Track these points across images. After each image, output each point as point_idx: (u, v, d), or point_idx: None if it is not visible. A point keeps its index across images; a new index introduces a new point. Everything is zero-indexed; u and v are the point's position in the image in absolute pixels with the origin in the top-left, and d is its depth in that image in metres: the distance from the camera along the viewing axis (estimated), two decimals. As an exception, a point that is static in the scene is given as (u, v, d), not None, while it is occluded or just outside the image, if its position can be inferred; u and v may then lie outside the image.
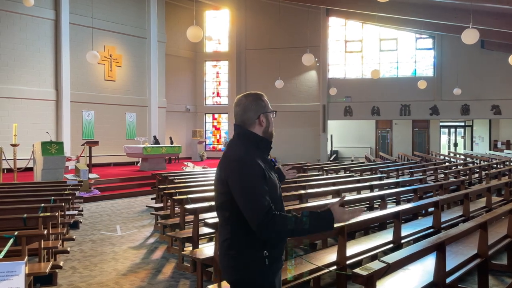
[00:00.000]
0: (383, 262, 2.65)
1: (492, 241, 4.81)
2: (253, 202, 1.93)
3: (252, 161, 1.99)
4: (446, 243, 3.36)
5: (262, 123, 2.14)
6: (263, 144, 2.12)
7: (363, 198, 6.63)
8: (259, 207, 1.91)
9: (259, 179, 1.96)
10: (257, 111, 2.13)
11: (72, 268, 5.37)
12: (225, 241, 2.05)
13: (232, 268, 2.02)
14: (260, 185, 1.95)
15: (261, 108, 2.14)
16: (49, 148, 10.93)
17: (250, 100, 2.15)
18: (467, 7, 12.53)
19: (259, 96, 2.17)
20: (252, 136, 2.12)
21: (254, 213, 1.91)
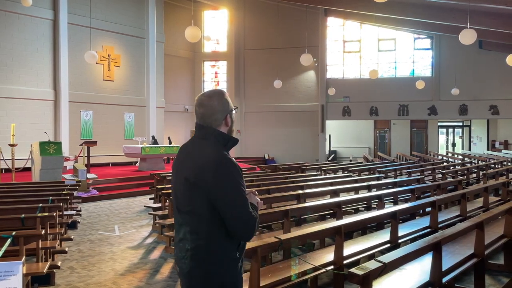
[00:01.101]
0: (379, 261, 2.66)
1: (489, 240, 4.84)
2: (241, 205, 1.90)
3: (232, 161, 1.98)
4: (442, 243, 3.38)
5: (228, 123, 2.10)
6: (231, 144, 2.10)
7: (361, 198, 6.66)
8: (247, 210, 1.91)
9: (241, 179, 1.96)
10: (224, 112, 2.08)
11: (70, 268, 5.38)
12: (199, 247, 1.95)
13: (209, 273, 1.94)
14: (243, 185, 1.95)
15: (227, 108, 2.10)
16: (47, 148, 10.94)
17: (216, 100, 2.08)
18: (465, 8, 12.57)
19: (224, 95, 2.13)
20: (222, 136, 2.07)
21: (242, 217, 1.89)
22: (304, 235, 3.69)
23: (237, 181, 1.92)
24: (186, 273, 1.98)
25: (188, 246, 1.97)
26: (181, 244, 2.02)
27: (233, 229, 1.91)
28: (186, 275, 1.98)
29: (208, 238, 1.94)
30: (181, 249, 2.01)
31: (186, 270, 1.97)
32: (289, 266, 3.85)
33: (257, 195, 2.12)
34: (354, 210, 7.76)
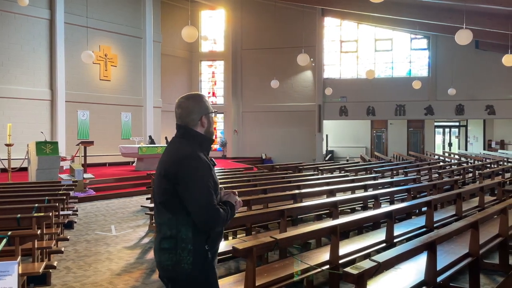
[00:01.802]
0: (374, 261, 2.68)
1: (484, 240, 4.86)
2: (203, 196, 2.04)
3: (201, 158, 2.12)
4: (437, 242, 3.40)
5: (204, 124, 2.23)
6: (206, 144, 2.23)
7: (357, 197, 6.68)
8: (209, 200, 2.04)
9: (208, 175, 2.09)
10: (200, 113, 2.22)
11: (66, 268, 5.37)
12: (169, 238, 2.08)
13: (177, 265, 2.05)
14: (209, 180, 2.09)
15: (203, 110, 2.23)
16: (43, 148, 10.90)
17: (192, 102, 2.23)
18: (461, 8, 12.61)
19: (201, 98, 2.27)
20: (198, 136, 2.22)
21: (204, 206, 2.03)
22: (299, 235, 3.70)
23: (200, 174, 2.06)
24: (157, 263, 2.15)
25: (159, 238, 2.13)
26: (157, 236, 2.19)
27: (195, 219, 2.04)
28: (158, 265, 2.15)
29: (177, 229, 2.06)
30: (156, 240, 2.17)
31: (157, 260, 2.14)
32: (284, 265, 3.86)
33: (237, 195, 2.26)
34: (351, 210, 7.78)
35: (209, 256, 2.10)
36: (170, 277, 2.10)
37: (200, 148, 2.18)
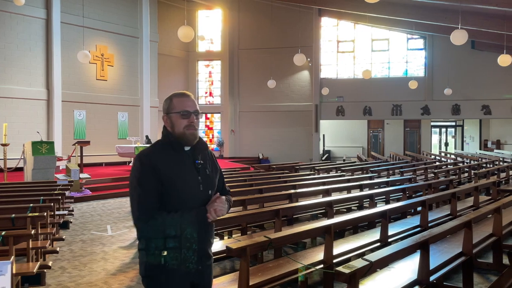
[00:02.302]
0: (366, 260, 2.69)
1: (478, 239, 4.89)
2: (137, 198, 2.05)
3: (146, 160, 2.07)
4: (429, 242, 3.42)
5: (167, 123, 2.19)
6: (175, 145, 2.16)
7: (352, 197, 6.70)
8: (140, 203, 2.03)
9: (147, 177, 2.04)
10: (165, 112, 2.21)
11: (61, 268, 5.37)
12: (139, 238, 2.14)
13: (140, 264, 2.12)
14: (147, 182, 2.04)
15: (166, 109, 2.20)
16: (39, 148, 10.88)
17: (164, 101, 2.23)
18: (456, 8, 12.66)
19: (171, 97, 2.22)
20: (165, 135, 2.20)
21: (135, 208, 2.05)
22: (293, 234, 3.72)
23: (135, 175, 2.07)
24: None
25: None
26: None
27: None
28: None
29: (135, 226, 2.14)
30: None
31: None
32: (279, 265, 3.87)
33: (224, 203, 2.16)
34: (347, 209, 7.81)
35: (162, 262, 2.05)
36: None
37: (173, 150, 2.14)
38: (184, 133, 2.14)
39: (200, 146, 2.23)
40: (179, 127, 2.14)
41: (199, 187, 2.13)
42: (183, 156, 2.16)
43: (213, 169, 2.28)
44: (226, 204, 2.18)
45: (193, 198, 2.11)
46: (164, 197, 2.07)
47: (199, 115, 2.21)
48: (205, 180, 2.18)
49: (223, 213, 2.13)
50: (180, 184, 2.08)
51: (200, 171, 2.17)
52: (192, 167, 2.15)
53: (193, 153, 2.19)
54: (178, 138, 2.15)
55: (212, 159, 2.32)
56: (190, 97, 2.21)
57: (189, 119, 2.15)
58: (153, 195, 2.04)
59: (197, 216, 2.07)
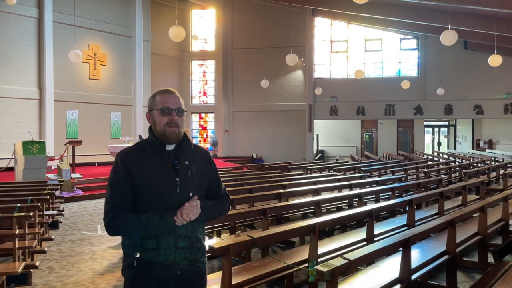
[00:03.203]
0: (345, 258, 2.72)
1: (462, 238, 4.94)
2: (106, 197, 2.05)
3: (120, 159, 2.07)
4: (411, 240, 3.45)
5: (150, 121, 2.15)
6: (156, 144, 2.10)
7: (339, 197, 6.73)
8: (108, 203, 2.02)
9: (118, 177, 2.04)
10: (148, 109, 2.17)
11: (48, 268, 5.36)
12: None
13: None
14: (117, 183, 2.04)
15: (149, 106, 2.16)
16: (30, 148, 10.84)
17: (149, 98, 2.19)
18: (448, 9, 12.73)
19: (154, 94, 2.16)
20: (149, 135, 2.16)
21: (105, 208, 2.03)
22: (277, 234, 3.74)
23: (111, 175, 2.08)
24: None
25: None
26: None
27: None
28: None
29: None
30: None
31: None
32: (264, 264, 3.90)
33: (195, 207, 2.04)
34: (337, 209, 7.85)
35: (135, 264, 2.02)
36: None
37: (144, 146, 2.11)
38: (165, 130, 2.07)
39: (186, 146, 2.15)
40: (160, 124, 2.08)
41: (176, 189, 2.05)
42: (164, 156, 2.10)
43: (202, 171, 2.18)
44: (197, 208, 2.04)
45: (167, 201, 2.03)
46: (138, 199, 2.04)
47: (183, 113, 2.13)
48: (185, 182, 2.08)
49: (191, 217, 2.01)
50: (154, 186, 2.03)
51: (179, 172, 2.08)
52: (170, 168, 2.08)
53: (175, 153, 2.12)
54: (159, 136, 2.09)
55: (203, 159, 2.23)
56: (174, 94, 2.13)
57: (170, 116, 2.07)
58: (122, 196, 2.02)
59: (163, 218, 1.99)
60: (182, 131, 2.16)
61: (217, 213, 2.25)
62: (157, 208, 2.02)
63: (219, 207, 2.26)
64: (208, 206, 2.15)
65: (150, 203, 2.03)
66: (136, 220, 1.98)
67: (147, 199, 2.03)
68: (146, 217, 1.99)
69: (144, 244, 2.02)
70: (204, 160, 2.24)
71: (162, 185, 2.04)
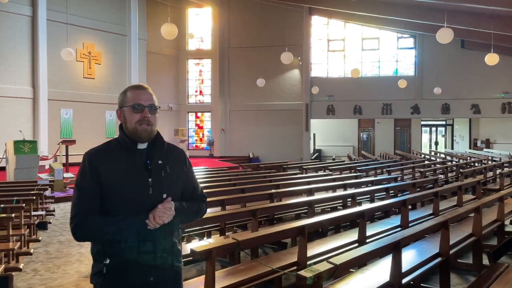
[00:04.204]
0: (331, 263, 2.60)
1: (457, 239, 4.83)
2: (73, 200, 1.93)
3: (88, 159, 1.95)
4: (401, 243, 3.34)
5: (120, 118, 2.03)
6: (127, 143, 1.98)
7: (332, 197, 6.61)
8: (74, 206, 1.91)
9: (86, 179, 1.92)
10: (119, 106, 2.04)
11: (33, 271, 5.23)
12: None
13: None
14: (85, 185, 1.91)
15: (120, 103, 2.04)
16: (22, 147, 10.72)
17: (119, 94, 2.06)
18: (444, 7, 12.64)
19: (125, 90, 2.05)
20: (120, 133, 2.04)
21: (71, 212, 1.91)
22: (263, 236, 3.62)
23: (77, 175, 1.96)
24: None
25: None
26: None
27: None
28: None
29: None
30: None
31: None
32: (251, 267, 3.77)
33: (169, 209, 1.91)
34: (331, 209, 7.74)
35: (104, 271, 1.90)
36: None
37: (114, 145, 1.99)
38: (136, 129, 1.96)
39: (159, 145, 2.04)
40: (131, 122, 1.97)
41: (148, 191, 1.94)
42: (135, 155, 1.98)
43: (177, 171, 2.07)
44: (171, 210, 1.92)
45: (139, 203, 1.91)
46: (107, 201, 1.91)
47: (155, 110, 2.01)
48: (159, 182, 1.97)
49: (164, 220, 1.89)
50: (124, 187, 1.91)
51: (152, 173, 1.97)
52: (142, 168, 1.96)
53: (148, 152, 2.00)
54: (130, 134, 1.98)
55: (178, 159, 2.11)
56: (147, 90, 2.03)
57: (142, 114, 1.96)
58: (90, 199, 1.90)
59: (134, 222, 1.87)
60: (155, 129, 2.04)
61: (193, 215, 2.12)
62: (128, 211, 1.89)
63: (195, 208, 2.12)
64: (183, 208, 2.02)
65: (120, 206, 1.91)
66: (105, 224, 1.87)
67: (117, 201, 1.91)
68: (116, 221, 1.87)
69: (114, 249, 1.89)
70: (179, 159, 2.12)
71: (133, 187, 1.92)
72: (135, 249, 1.91)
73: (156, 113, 2.03)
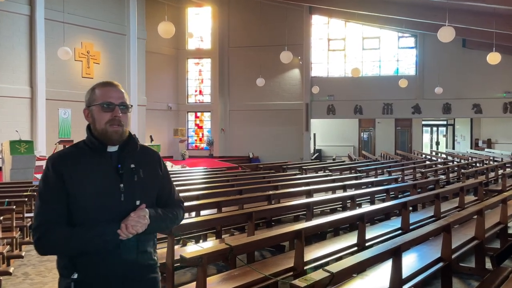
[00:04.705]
0: (327, 271, 2.46)
1: (459, 243, 4.69)
2: (36, 209, 1.74)
3: (51, 165, 1.76)
4: (402, 249, 3.20)
5: (88, 118, 1.86)
6: (95, 145, 1.81)
7: (332, 198, 6.47)
8: (37, 216, 1.72)
9: (49, 186, 1.73)
10: (86, 104, 1.86)
11: (24, 274, 5.10)
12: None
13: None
14: (48, 193, 1.73)
15: (87, 101, 1.86)
16: (18, 147, 10.61)
17: (87, 92, 1.88)
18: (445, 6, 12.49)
19: (93, 87, 1.87)
20: (87, 135, 1.85)
21: (34, 223, 1.72)
22: (258, 241, 3.49)
23: (40, 182, 1.78)
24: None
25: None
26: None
27: None
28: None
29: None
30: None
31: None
32: (245, 273, 3.64)
33: (143, 217, 1.75)
34: (330, 210, 7.60)
35: (72, 287, 1.73)
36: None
37: (81, 149, 1.82)
38: (106, 130, 1.79)
39: (131, 147, 1.87)
40: (100, 122, 1.80)
41: (120, 197, 1.77)
42: (104, 159, 1.81)
43: (151, 175, 1.90)
44: (145, 218, 1.76)
45: (110, 211, 1.74)
46: (73, 209, 1.74)
47: (127, 109, 1.84)
48: (131, 188, 1.80)
49: (138, 229, 1.73)
50: (93, 194, 1.74)
51: (123, 178, 1.80)
52: (113, 172, 1.80)
53: (119, 156, 1.84)
54: (99, 136, 1.80)
55: (153, 162, 1.95)
56: (117, 87, 1.86)
57: (113, 113, 1.80)
58: (54, 208, 1.72)
59: (105, 232, 1.70)
60: (127, 130, 1.87)
61: (169, 222, 1.94)
62: (98, 220, 1.72)
63: (172, 216, 1.95)
64: (158, 215, 1.86)
65: (89, 214, 1.73)
66: (73, 235, 1.69)
67: (85, 210, 1.73)
68: (84, 231, 1.69)
69: (82, 263, 1.73)
70: (153, 162, 1.95)
71: (103, 193, 1.75)
72: (106, 261, 1.74)
73: (128, 112, 1.86)
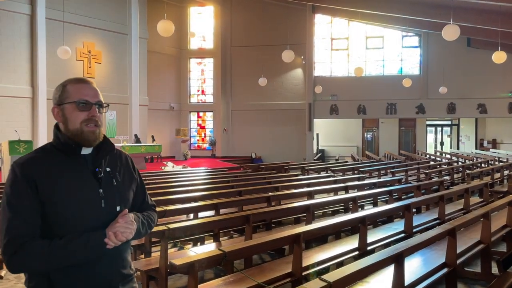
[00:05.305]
0: (324, 280, 2.32)
1: (464, 247, 4.52)
2: (5, 221, 1.49)
3: (19, 170, 1.54)
4: (404, 255, 3.05)
5: (58, 117, 1.66)
6: (67, 147, 1.63)
7: (333, 200, 6.31)
8: (7, 229, 1.48)
9: (19, 195, 1.51)
10: (55, 103, 1.67)
11: (16, 278, 4.98)
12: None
13: None
14: (18, 203, 1.51)
15: (58, 99, 1.66)
16: (17, 148, 10.52)
17: (56, 88, 1.68)
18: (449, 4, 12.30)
19: (64, 83, 1.68)
20: (57, 135, 1.66)
21: (2, 235, 1.49)
22: (253, 246, 3.34)
23: (5, 191, 1.54)
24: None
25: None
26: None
27: None
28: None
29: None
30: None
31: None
32: (241, 279, 3.50)
33: (129, 223, 1.62)
34: (332, 212, 7.45)
35: None
36: None
37: (50, 152, 1.64)
38: (82, 130, 1.63)
39: (106, 148, 1.72)
40: (75, 122, 1.63)
41: (100, 203, 1.62)
42: (79, 162, 1.65)
43: (127, 178, 1.77)
44: (133, 224, 1.63)
45: (90, 219, 1.59)
46: (49, 219, 1.55)
47: (103, 109, 1.71)
48: (110, 193, 1.66)
49: (128, 236, 1.60)
50: (70, 201, 1.57)
51: (102, 182, 1.66)
52: (90, 177, 1.65)
53: (94, 158, 1.69)
54: (73, 137, 1.63)
55: (126, 164, 1.81)
56: (92, 84, 1.70)
57: (90, 112, 1.64)
58: (26, 220, 1.51)
59: (90, 242, 1.54)
60: (103, 130, 1.73)
61: (148, 227, 1.81)
62: (77, 230, 1.55)
63: (150, 220, 1.82)
64: (140, 220, 1.73)
65: (67, 224, 1.56)
66: (52, 248, 1.49)
67: (63, 219, 1.56)
68: (65, 242, 1.51)
69: (58, 279, 1.56)
70: (127, 165, 1.82)
71: (81, 200, 1.59)
72: (87, 274, 1.59)
73: (103, 112, 1.72)
